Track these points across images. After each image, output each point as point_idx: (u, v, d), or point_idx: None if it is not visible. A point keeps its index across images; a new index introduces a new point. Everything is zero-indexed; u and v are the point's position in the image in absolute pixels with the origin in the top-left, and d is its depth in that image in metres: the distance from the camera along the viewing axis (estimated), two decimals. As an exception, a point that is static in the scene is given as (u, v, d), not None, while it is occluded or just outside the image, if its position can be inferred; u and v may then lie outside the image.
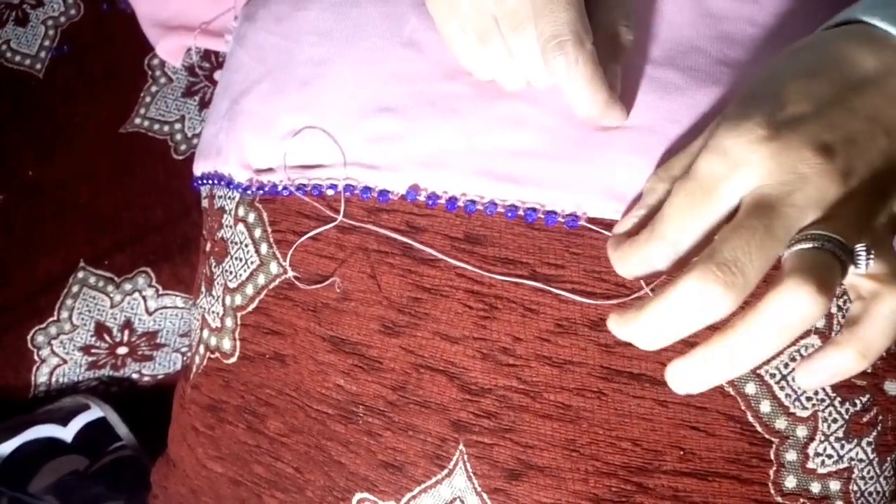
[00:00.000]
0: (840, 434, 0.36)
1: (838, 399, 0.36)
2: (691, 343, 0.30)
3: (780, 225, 0.28)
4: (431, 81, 0.38)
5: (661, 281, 0.35)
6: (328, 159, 0.40)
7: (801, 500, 0.36)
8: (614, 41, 0.35)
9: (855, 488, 0.37)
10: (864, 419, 0.37)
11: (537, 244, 0.36)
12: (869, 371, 0.37)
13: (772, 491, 0.36)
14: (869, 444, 0.37)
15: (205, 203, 0.50)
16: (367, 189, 0.39)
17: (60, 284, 0.59)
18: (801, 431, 0.36)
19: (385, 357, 0.39)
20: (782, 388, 0.36)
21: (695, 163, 0.30)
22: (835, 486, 0.36)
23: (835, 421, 0.36)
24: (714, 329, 0.29)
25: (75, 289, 0.59)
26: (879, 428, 0.37)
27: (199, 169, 0.48)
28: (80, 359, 0.60)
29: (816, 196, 0.28)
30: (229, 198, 0.46)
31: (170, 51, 0.63)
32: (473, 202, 0.37)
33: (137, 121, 0.63)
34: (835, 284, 0.28)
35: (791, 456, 0.36)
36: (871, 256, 0.28)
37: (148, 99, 0.64)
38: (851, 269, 0.28)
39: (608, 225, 0.36)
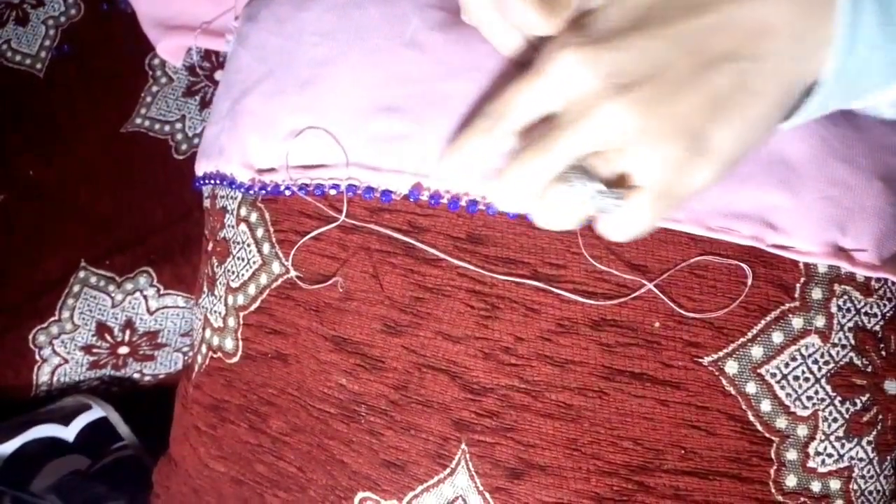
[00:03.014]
0: (840, 433, 0.36)
1: (838, 398, 0.36)
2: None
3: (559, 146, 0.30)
4: (433, 81, 0.39)
5: (663, 279, 0.35)
6: (330, 159, 0.40)
7: (802, 498, 0.36)
8: None
9: (855, 487, 0.37)
10: (865, 418, 0.37)
11: (539, 244, 0.37)
12: (869, 370, 0.37)
13: (772, 490, 0.36)
14: (869, 443, 0.37)
15: (207, 203, 0.50)
16: (369, 189, 0.39)
17: (61, 284, 0.59)
18: (802, 430, 0.36)
19: (387, 356, 0.39)
20: (783, 388, 0.36)
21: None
22: (835, 484, 0.37)
23: (835, 420, 0.36)
24: None
25: (76, 288, 0.59)
26: (879, 427, 0.37)
27: (200, 169, 0.48)
28: (81, 358, 0.60)
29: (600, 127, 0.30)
30: (231, 198, 0.46)
31: (170, 50, 0.63)
32: (475, 202, 0.37)
33: (138, 120, 0.63)
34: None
35: (791, 455, 0.36)
36: (617, 203, 0.31)
37: (149, 99, 0.64)
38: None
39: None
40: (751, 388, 0.36)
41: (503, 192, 0.32)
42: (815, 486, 0.36)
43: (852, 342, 0.36)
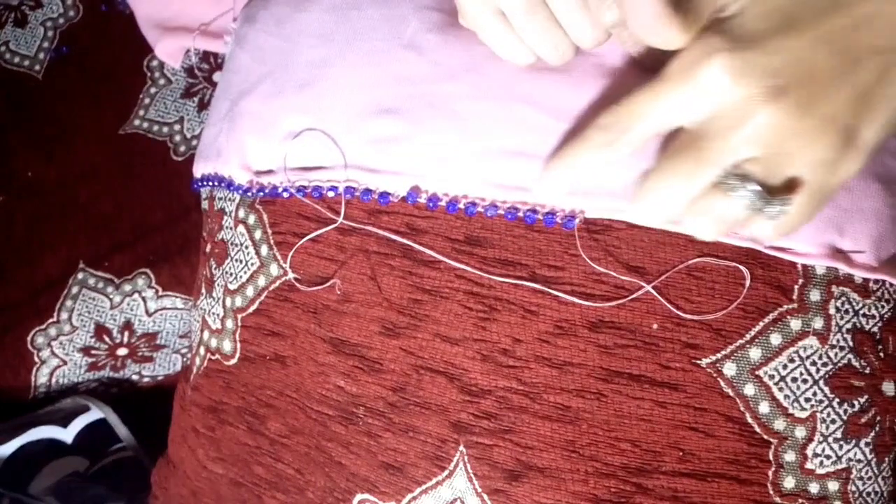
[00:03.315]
0: (838, 435, 0.36)
1: (837, 400, 0.36)
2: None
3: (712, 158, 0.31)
4: (432, 83, 0.39)
5: (661, 280, 0.35)
6: (329, 161, 0.40)
7: (800, 500, 0.36)
8: None
9: (853, 489, 0.37)
10: (863, 420, 0.37)
11: (537, 246, 0.37)
12: (867, 372, 0.37)
13: (770, 491, 0.36)
14: (867, 444, 0.37)
15: (205, 205, 0.50)
16: (367, 191, 0.39)
17: (60, 286, 0.59)
18: (800, 432, 0.36)
19: (385, 358, 0.39)
20: (781, 390, 0.36)
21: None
22: (833, 486, 0.37)
23: (833, 422, 0.36)
24: None
25: (75, 290, 0.59)
26: (877, 428, 0.37)
27: (198, 170, 0.48)
28: (79, 360, 0.60)
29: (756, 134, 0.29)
30: (229, 199, 0.46)
31: (169, 52, 0.63)
32: (474, 204, 0.37)
33: (136, 122, 0.63)
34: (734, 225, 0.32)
35: (790, 457, 0.36)
36: (785, 208, 0.31)
37: (147, 100, 0.64)
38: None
39: (605, 226, 0.36)
40: (749, 389, 0.36)
41: (653, 205, 0.32)
42: (814, 488, 0.36)
43: (850, 344, 0.36)
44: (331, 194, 0.40)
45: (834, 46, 0.29)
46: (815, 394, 0.36)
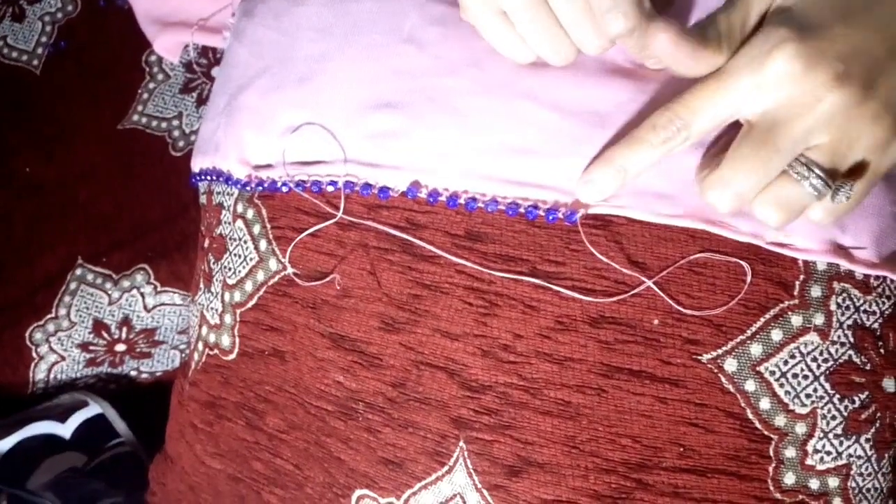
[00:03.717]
0: (839, 431, 0.36)
1: (837, 396, 0.36)
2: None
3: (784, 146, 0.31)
4: (432, 77, 0.38)
5: (662, 276, 0.35)
6: (328, 156, 0.40)
7: (800, 496, 0.36)
8: None
9: (853, 485, 0.37)
10: (863, 416, 0.37)
11: (538, 241, 0.36)
12: (868, 368, 0.37)
13: (771, 487, 0.36)
14: (867, 440, 0.37)
15: (203, 199, 0.50)
16: (367, 186, 0.39)
17: (58, 281, 0.59)
18: (800, 428, 0.36)
19: (385, 354, 0.39)
20: (782, 386, 0.36)
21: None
22: (833, 482, 0.37)
23: (833, 418, 0.36)
24: None
25: (73, 286, 0.59)
26: (878, 425, 0.37)
27: (197, 165, 0.48)
28: (78, 356, 0.60)
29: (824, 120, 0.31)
30: (228, 194, 0.45)
31: (167, 47, 0.63)
32: (474, 199, 0.37)
33: (135, 117, 0.63)
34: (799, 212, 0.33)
35: (790, 453, 0.36)
36: (850, 192, 0.32)
37: (145, 95, 0.64)
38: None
39: (607, 221, 0.36)
40: (750, 385, 0.36)
41: (727, 196, 0.33)
42: (814, 484, 0.36)
43: (851, 340, 0.36)
44: (330, 189, 0.40)
45: (886, 33, 0.31)
46: (815, 390, 0.36)
